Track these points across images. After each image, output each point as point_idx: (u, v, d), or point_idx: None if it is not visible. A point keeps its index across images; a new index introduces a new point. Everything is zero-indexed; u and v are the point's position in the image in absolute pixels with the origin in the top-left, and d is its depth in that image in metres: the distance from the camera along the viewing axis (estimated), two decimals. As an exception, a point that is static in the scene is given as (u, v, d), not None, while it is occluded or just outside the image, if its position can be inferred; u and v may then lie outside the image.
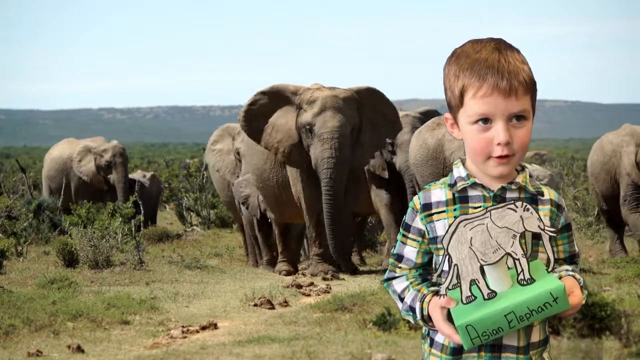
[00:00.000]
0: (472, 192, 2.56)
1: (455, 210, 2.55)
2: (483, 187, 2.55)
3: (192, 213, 20.38)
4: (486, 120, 2.49)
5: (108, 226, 12.51)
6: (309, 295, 10.25)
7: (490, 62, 2.48)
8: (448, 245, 2.42)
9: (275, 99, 12.41)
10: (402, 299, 2.62)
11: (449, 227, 2.44)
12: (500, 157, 2.49)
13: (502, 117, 2.48)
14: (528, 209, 2.42)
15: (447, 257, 2.44)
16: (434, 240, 2.58)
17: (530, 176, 2.62)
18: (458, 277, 2.43)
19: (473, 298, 2.41)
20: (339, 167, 11.95)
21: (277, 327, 7.95)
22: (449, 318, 2.46)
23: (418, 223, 2.60)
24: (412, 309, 2.58)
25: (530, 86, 2.51)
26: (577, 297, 2.46)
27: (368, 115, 12.38)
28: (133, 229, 12.38)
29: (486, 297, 2.40)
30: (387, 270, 2.70)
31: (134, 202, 15.20)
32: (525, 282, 2.41)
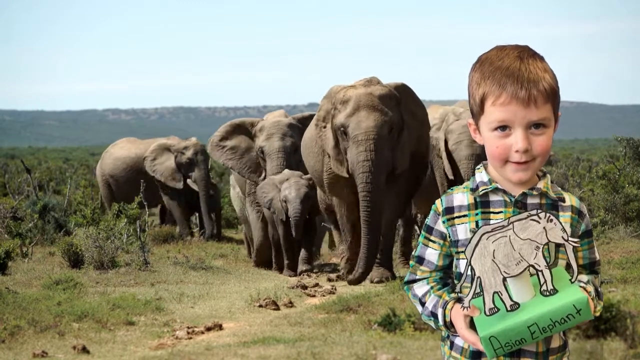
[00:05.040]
0: (493, 197, 2.58)
1: (477, 215, 2.57)
2: (505, 192, 2.56)
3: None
4: (505, 127, 2.50)
5: (113, 227, 12.51)
6: (314, 296, 10.25)
7: (510, 70, 2.50)
8: (471, 257, 2.43)
9: (330, 101, 11.67)
10: (422, 304, 2.63)
11: (471, 239, 2.44)
12: (518, 162, 2.51)
13: (521, 125, 2.49)
14: (551, 220, 2.42)
15: (470, 267, 2.45)
16: (455, 243, 2.59)
17: (552, 182, 2.63)
18: (481, 287, 2.44)
19: (496, 310, 2.43)
20: (377, 171, 10.99)
21: (282, 328, 7.95)
22: (472, 325, 2.48)
23: (440, 226, 2.62)
24: (433, 315, 2.59)
25: (551, 95, 2.51)
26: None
27: (410, 113, 11.51)
28: (138, 230, 12.38)
29: (509, 308, 2.42)
30: (408, 273, 2.70)
31: (139, 203, 15.17)
32: (548, 294, 2.42)
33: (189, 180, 18.54)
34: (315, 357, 6.49)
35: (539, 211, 2.44)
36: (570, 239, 2.43)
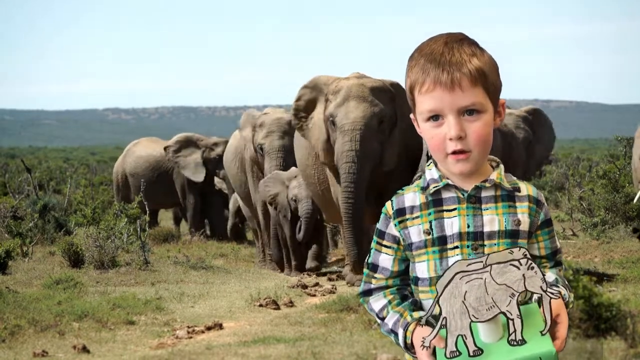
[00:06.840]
0: (445, 194, 2.46)
1: (429, 214, 2.45)
2: (456, 188, 2.45)
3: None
4: (437, 116, 2.41)
5: (113, 226, 12.50)
6: (314, 295, 10.24)
7: (433, 56, 2.41)
8: (440, 295, 2.29)
9: (314, 91, 11.32)
10: (381, 318, 2.51)
11: (444, 274, 2.28)
12: (455, 153, 2.40)
13: (452, 111, 2.38)
14: (532, 267, 2.26)
15: (437, 304, 2.30)
16: (409, 246, 2.48)
17: (507, 172, 2.52)
18: (446, 328, 2.30)
19: (457, 354, 2.30)
20: (360, 163, 10.62)
21: (283, 327, 7.95)
22: (434, 352, 2.35)
23: (392, 229, 2.50)
24: (394, 332, 2.47)
25: (479, 77, 2.39)
26: (562, 327, 2.36)
27: (405, 112, 10.86)
28: (138, 230, 12.37)
29: (471, 354, 2.29)
30: (362, 282, 2.57)
31: (139, 203, 15.16)
32: (515, 343, 2.29)
33: (217, 179, 18.39)
34: (315, 356, 6.49)
35: (522, 254, 2.27)
36: (548, 289, 2.27)
